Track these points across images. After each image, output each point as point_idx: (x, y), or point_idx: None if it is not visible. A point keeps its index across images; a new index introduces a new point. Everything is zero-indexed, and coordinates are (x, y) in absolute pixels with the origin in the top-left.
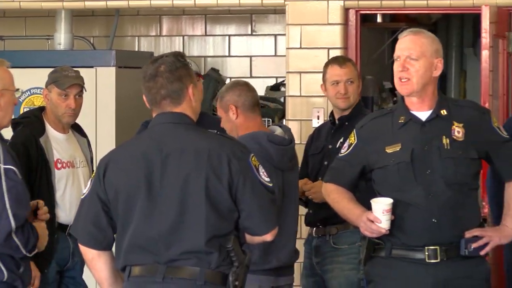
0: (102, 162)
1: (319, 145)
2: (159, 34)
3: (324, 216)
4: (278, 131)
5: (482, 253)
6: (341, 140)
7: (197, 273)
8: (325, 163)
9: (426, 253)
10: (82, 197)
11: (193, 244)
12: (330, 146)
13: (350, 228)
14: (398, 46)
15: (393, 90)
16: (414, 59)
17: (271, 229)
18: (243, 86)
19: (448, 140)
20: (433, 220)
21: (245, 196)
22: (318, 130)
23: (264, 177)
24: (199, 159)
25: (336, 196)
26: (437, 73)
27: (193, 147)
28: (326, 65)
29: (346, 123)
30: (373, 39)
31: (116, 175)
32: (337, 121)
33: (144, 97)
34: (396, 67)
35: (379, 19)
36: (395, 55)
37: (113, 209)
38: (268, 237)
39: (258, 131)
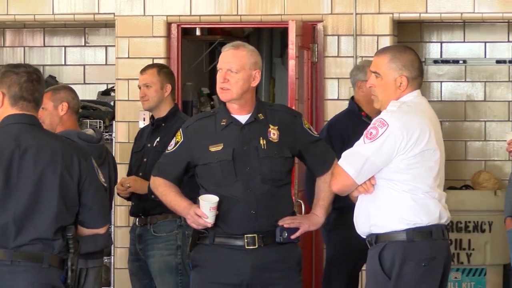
0: None
1: (140, 144)
2: (2, 45)
3: (145, 207)
4: (90, 131)
5: (293, 237)
6: (158, 139)
7: (43, 257)
8: (145, 160)
9: (246, 240)
10: None
11: (43, 232)
12: (148, 145)
13: (169, 218)
14: (221, 58)
15: (210, 95)
16: (234, 72)
17: (106, 223)
18: (75, 92)
19: (264, 141)
20: (252, 211)
21: (89, 193)
22: (142, 131)
23: (101, 177)
24: (54, 157)
25: (164, 190)
26: (255, 83)
27: (49, 146)
28: None
29: (163, 124)
30: (193, 49)
31: None
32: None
33: (2, 90)
34: (219, 77)
35: (198, 32)
36: (218, 66)
37: None
38: (102, 230)
39: (70, 129)
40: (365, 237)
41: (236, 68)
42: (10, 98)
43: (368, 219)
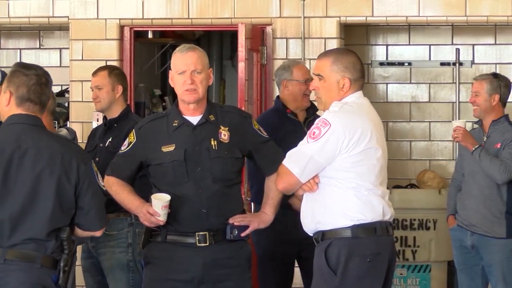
0: None
1: (93, 143)
2: None
3: None
4: (63, 131)
5: (243, 235)
6: (110, 139)
7: (35, 257)
8: (97, 159)
9: (197, 238)
10: None
11: (36, 233)
12: (101, 145)
13: (120, 216)
14: (182, 61)
15: (162, 96)
16: (199, 72)
17: (103, 226)
18: (51, 92)
19: (215, 142)
20: (203, 210)
21: (86, 197)
22: (94, 130)
23: (101, 181)
24: (53, 159)
25: (117, 188)
26: (211, 81)
27: (49, 148)
28: None
29: (115, 125)
30: (145, 52)
31: None
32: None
33: (11, 90)
34: (183, 79)
35: (150, 35)
36: (180, 69)
37: None
38: (99, 233)
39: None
40: (312, 234)
41: (200, 69)
42: (17, 98)
43: (313, 217)
